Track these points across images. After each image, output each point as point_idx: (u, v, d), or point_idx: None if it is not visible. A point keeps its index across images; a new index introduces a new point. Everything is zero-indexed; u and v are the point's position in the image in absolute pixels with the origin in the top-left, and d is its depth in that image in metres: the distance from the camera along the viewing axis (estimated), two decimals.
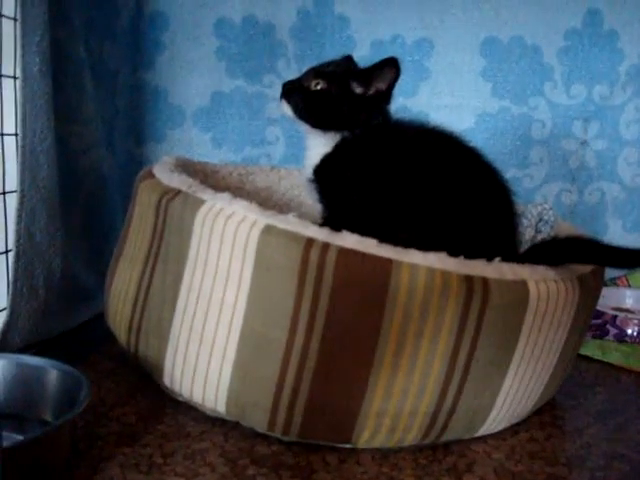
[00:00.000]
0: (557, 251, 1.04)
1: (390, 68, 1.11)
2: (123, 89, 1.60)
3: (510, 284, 0.93)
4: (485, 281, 0.91)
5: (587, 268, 1.06)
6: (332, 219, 1.06)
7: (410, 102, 1.65)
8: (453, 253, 0.92)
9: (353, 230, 0.90)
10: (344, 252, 0.87)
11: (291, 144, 1.67)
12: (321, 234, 0.88)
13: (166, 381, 1.02)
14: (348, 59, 1.19)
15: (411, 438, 0.98)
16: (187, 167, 1.28)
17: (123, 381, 1.15)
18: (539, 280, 0.96)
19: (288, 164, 1.57)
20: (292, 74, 1.62)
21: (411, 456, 0.99)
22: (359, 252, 0.87)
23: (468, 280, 0.90)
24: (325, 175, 1.10)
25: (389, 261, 0.88)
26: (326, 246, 0.87)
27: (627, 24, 1.66)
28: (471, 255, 0.94)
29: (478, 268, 0.92)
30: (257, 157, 1.68)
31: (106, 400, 1.09)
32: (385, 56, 1.61)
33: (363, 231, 0.90)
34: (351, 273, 0.88)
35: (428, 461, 0.99)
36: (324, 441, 0.97)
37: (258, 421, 0.95)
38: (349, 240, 0.88)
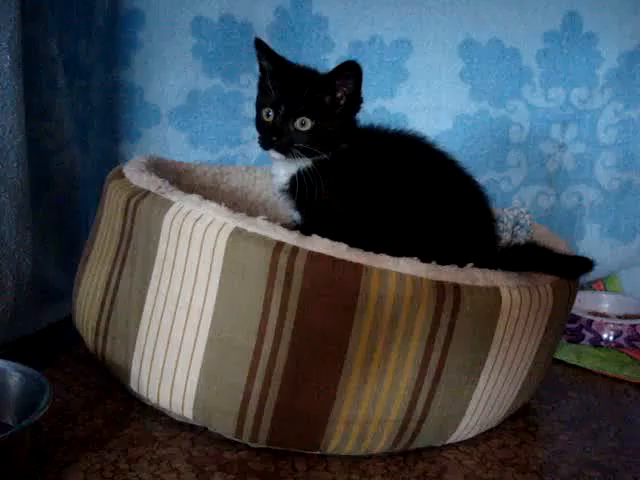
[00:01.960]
0: (514, 259, 1.02)
1: (352, 71, 1.05)
2: (98, 87, 1.58)
3: (482, 290, 0.92)
4: (457, 287, 0.90)
5: None
6: (308, 226, 1.04)
7: (388, 104, 1.64)
8: (427, 259, 0.92)
9: (330, 235, 0.89)
10: (313, 256, 0.86)
11: None
12: (290, 238, 0.87)
13: (133, 386, 1.01)
14: (300, 70, 1.12)
15: (381, 446, 0.97)
16: (160, 166, 1.26)
17: (92, 384, 1.13)
18: (512, 287, 0.95)
19: (265, 164, 1.55)
20: None
21: (381, 462, 0.98)
22: (329, 257, 0.86)
23: (439, 286, 0.89)
24: (300, 187, 1.06)
25: (359, 266, 0.87)
26: (295, 250, 0.86)
27: (606, 27, 1.65)
28: (447, 261, 0.93)
29: (450, 274, 0.91)
30: (233, 157, 1.65)
31: (73, 403, 1.07)
32: (364, 56, 1.62)
33: (338, 236, 0.90)
34: (320, 278, 0.86)
35: (398, 468, 0.98)
36: (293, 448, 0.96)
37: (225, 427, 0.94)
38: (319, 244, 0.87)
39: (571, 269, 1.05)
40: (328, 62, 1.62)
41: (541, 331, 1.02)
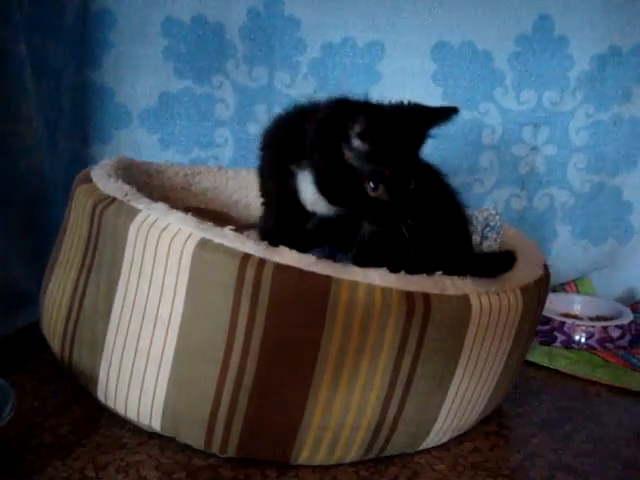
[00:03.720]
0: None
1: None
2: (68, 88, 1.56)
3: (452, 299, 0.92)
4: (426, 297, 0.90)
5: (530, 278, 1.06)
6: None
7: None
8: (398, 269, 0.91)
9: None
10: (281, 268, 0.85)
11: (240, 146, 1.64)
12: (258, 250, 0.86)
13: (100, 396, 1.00)
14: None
15: (352, 455, 0.97)
16: (131, 168, 1.25)
17: (60, 390, 1.11)
18: (481, 293, 0.95)
19: (237, 166, 1.55)
20: (241, 75, 1.62)
21: (352, 468, 0.98)
22: (296, 268, 0.85)
23: (409, 296, 0.89)
24: None
25: (328, 278, 0.86)
26: (262, 262, 0.85)
27: (577, 30, 1.66)
28: (422, 268, 0.93)
29: (419, 284, 0.90)
30: (205, 159, 1.64)
31: (41, 410, 1.06)
32: (336, 58, 1.62)
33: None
34: (288, 290, 0.85)
35: (370, 473, 0.98)
36: (263, 458, 0.95)
37: (194, 439, 0.94)
38: (286, 256, 0.86)
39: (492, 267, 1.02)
40: (301, 64, 1.62)
41: (511, 336, 1.02)
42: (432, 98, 1.65)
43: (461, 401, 1.00)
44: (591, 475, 1.03)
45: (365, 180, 0.92)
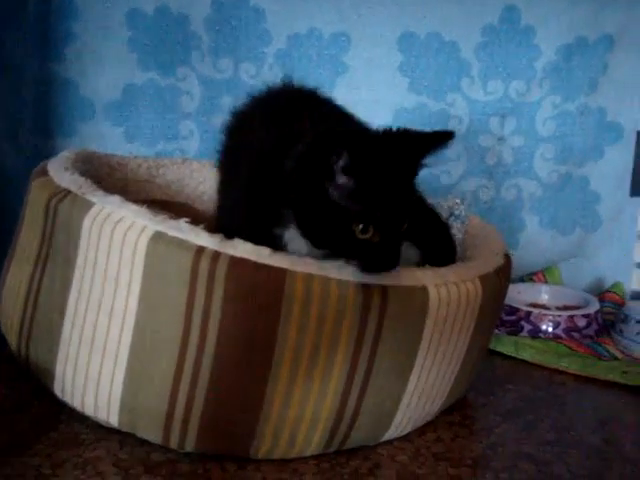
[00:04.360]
0: None
1: None
2: (30, 81, 1.54)
3: (410, 290, 0.92)
4: (383, 289, 0.89)
5: (490, 267, 1.06)
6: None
7: None
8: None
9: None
10: (235, 261, 0.84)
11: (206, 139, 1.63)
12: (212, 242, 0.85)
13: (57, 392, 0.98)
14: None
15: (313, 448, 0.96)
16: (91, 160, 1.24)
17: (19, 386, 1.10)
18: (440, 284, 0.95)
19: (202, 158, 1.54)
20: (206, 67, 1.61)
21: (313, 461, 0.97)
22: (251, 261, 0.84)
23: (365, 288, 0.88)
24: None
25: (283, 271, 0.85)
26: (217, 255, 0.84)
27: (543, 20, 1.66)
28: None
29: (376, 275, 0.89)
30: (171, 152, 1.63)
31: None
32: (302, 49, 1.61)
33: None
34: (243, 283, 0.84)
35: (330, 465, 0.97)
36: (222, 453, 0.95)
37: (152, 434, 0.93)
38: (241, 249, 0.85)
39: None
40: (266, 55, 1.61)
41: (471, 326, 1.02)
42: (398, 89, 1.66)
43: (421, 392, 1.00)
44: (553, 464, 1.03)
45: (353, 221, 0.84)
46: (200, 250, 0.84)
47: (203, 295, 0.84)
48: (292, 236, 0.89)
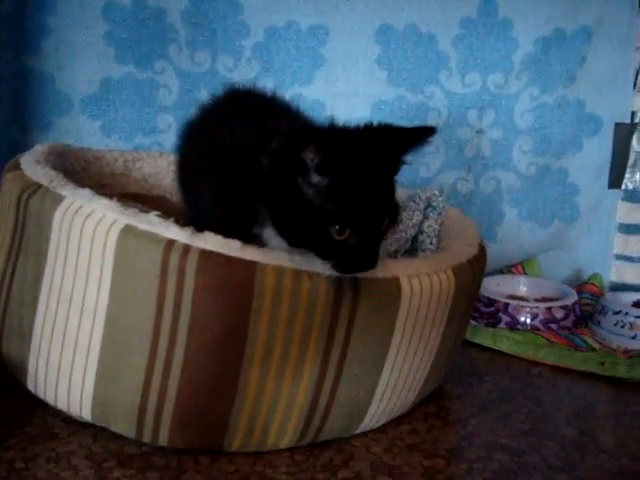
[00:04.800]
0: None
1: None
2: (6, 75, 1.53)
3: (382, 282, 0.92)
4: (355, 281, 0.89)
5: (463, 258, 1.06)
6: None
7: (305, 90, 1.63)
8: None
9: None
10: (206, 254, 0.84)
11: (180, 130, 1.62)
12: (182, 236, 0.85)
13: (30, 386, 0.98)
14: None
15: (287, 440, 0.96)
16: (66, 154, 1.23)
17: None
18: (412, 275, 0.95)
19: None
20: (184, 60, 1.60)
21: (287, 452, 0.98)
22: (222, 254, 0.84)
23: (337, 281, 0.88)
24: None
25: (253, 264, 0.85)
26: (187, 248, 0.84)
27: (521, 13, 1.66)
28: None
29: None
30: (149, 145, 1.61)
31: None
32: (280, 42, 1.61)
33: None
34: (214, 277, 0.84)
35: (305, 457, 0.97)
36: (196, 447, 0.95)
37: (125, 428, 0.93)
38: (211, 242, 0.85)
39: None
40: (244, 48, 1.61)
41: (445, 317, 1.02)
42: (377, 82, 1.66)
43: (395, 384, 1.00)
44: (527, 454, 1.03)
45: (328, 222, 0.81)
46: (170, 243, 0.84)
47: (174, 288, 0.84)
48: (271, 235, 0.88)
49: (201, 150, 1.05)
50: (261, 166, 0.85)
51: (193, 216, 1.06)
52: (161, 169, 1.42)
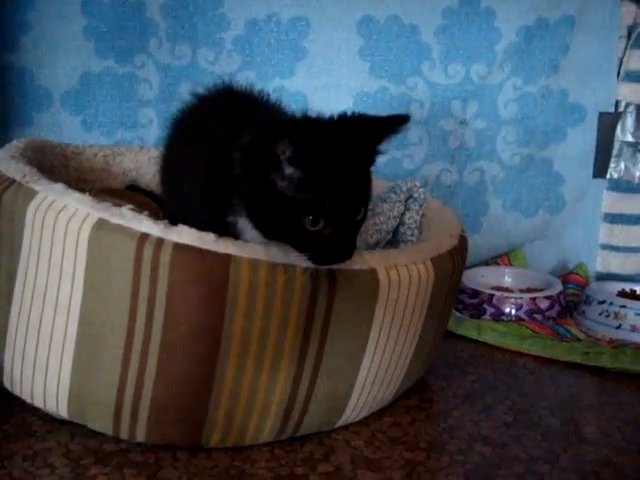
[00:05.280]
0: None
1: None
2: None
3: (359, 274, 0.92)
4: (331, 273, 0.89)
5: (443, 248, 1.06)
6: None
7: (287, 82, 1.62)
8: None
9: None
10: (180, 248, 0.83)
11: (165, 127, 1.61)
12: (155, 229, 0.84)
13: (6, 383, 0.98)
14: None
15: (266, 435, 0.96)
16: (45, 150, 1.22)
17: None
18: (390, 267, 0.94)
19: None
20: (164, 54, 1.59)
21: (266, 447, 0.97)
22: (196, 248, 0.84)
23: (313, 273, 0.87)
24: None
25: (228, 257, 0.84)
26: (160, 242, 0.83)
27: (503, 2, 1.65)
28: None
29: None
30: (130, 140, 1.60)
31: None
32: (261, 34, 1.60)
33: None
34: (188, 271, 0.84)
35: (284, 451, 0.97)
36: (173, 443, 0.94)
37: (102, 425, 0.92)
38: (185, 235, 0.84)
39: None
40: (224, 41, 1.60)
41: (424, 308, 1.02)
42: (359, 73, 1.65)
43: (375, 376, 1.00)
44: (509, 445, 1.03)
45: (302, 213, 0.81)
46: (144, 237, 0.83)
47: (147, 283, 0.83)
48: (245, 226, 0.87)
49: (179, 145, 1.06)
50: (232, 161, 0.84)
51: (169, 210, 1.06)
52: (142, 164, 1.41)
